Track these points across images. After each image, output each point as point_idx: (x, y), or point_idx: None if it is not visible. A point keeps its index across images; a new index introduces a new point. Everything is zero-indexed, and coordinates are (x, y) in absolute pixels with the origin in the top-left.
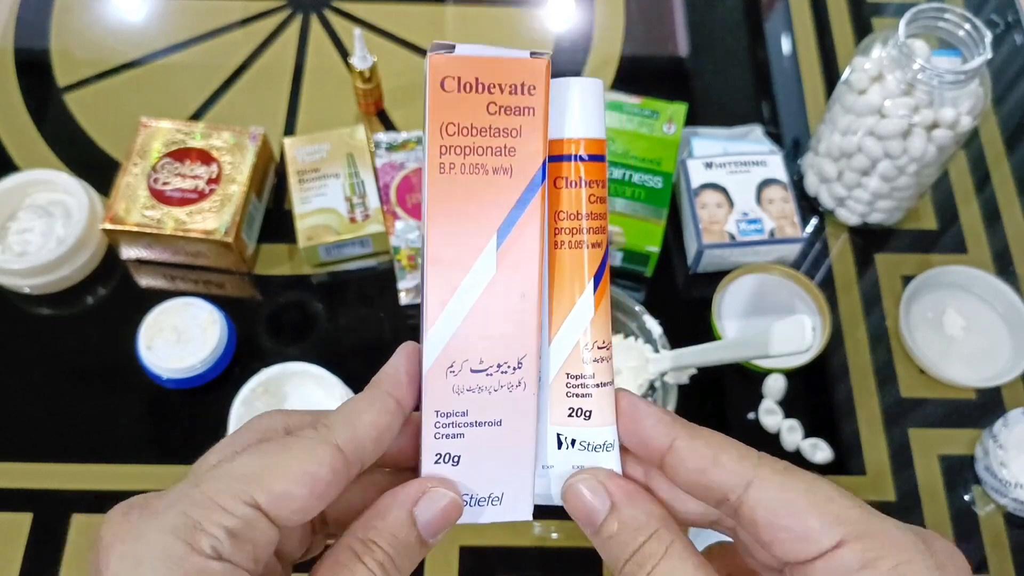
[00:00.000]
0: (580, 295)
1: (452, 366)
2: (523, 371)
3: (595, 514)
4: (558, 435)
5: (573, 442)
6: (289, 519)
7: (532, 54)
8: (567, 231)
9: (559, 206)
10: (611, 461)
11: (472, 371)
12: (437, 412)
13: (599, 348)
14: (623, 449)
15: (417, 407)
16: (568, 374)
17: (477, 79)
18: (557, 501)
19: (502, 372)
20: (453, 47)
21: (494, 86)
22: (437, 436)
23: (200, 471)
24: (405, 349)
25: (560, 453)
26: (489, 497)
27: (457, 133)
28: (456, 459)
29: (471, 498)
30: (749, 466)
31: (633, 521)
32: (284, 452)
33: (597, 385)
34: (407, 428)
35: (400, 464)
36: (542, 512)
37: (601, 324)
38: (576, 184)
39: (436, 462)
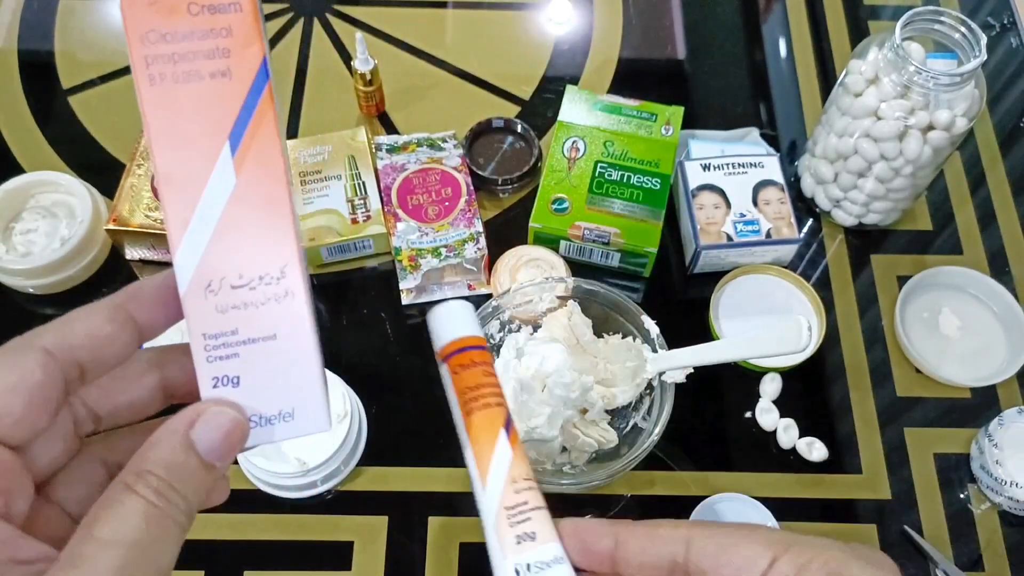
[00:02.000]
0: (498, 442)
1: (210, 285)
2: (288, 280)
3: None
4: (515, 568)
5: (528, 567)
6: (15, 435)
7: None
8: (474, 399)
9: (465, 383)
10: (565, 572)
11: (233, 287)
12: (204, 335)
13: (525, 480)
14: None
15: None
16: (507, 507)
17: None
18: None
19: (265, 284)
20: None
21: None
22: (210, 360)
23: None
24: (163, 272)
25: None
26: (280, 414)
27: (161, 40)
28: (235, 380)
29: (260, 418)
30: (682, 529)
31: None
32: None
33: (532, 509)
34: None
35: None
36: None
37: (520, 462)
38: (472, 365)
39: (215, 387)
